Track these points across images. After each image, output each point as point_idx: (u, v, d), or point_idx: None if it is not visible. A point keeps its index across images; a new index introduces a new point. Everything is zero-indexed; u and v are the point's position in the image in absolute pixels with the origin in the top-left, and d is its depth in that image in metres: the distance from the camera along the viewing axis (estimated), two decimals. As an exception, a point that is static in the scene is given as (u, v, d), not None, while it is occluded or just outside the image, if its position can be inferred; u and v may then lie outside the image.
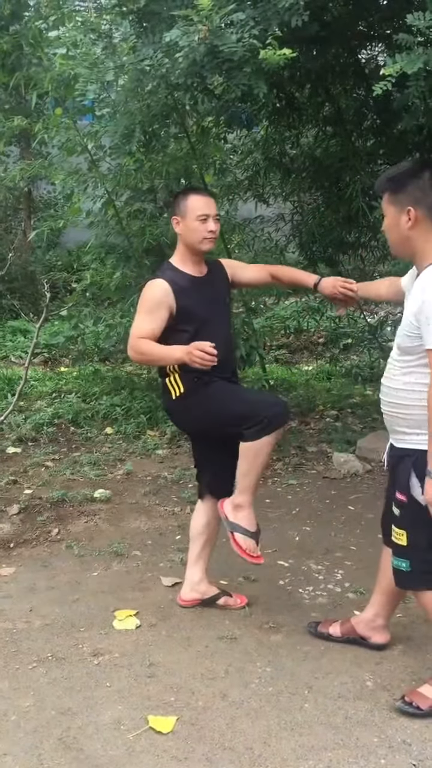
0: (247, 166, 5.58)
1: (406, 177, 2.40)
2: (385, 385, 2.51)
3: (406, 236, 2.40)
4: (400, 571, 2.47)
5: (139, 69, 3.53)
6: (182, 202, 2.95)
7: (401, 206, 2.38)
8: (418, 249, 2.39)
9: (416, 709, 2.40)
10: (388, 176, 2.49)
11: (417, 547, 2.41)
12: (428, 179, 2.37)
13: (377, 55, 4.99)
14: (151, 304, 2.89)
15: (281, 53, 2.96)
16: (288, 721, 2.41)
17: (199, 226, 2.90)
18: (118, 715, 2.45)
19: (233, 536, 2.88)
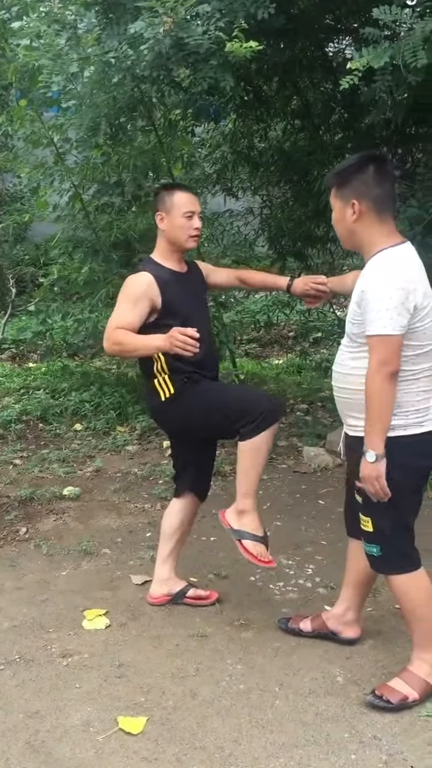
0: (216, 160, 5.55)
1: (351, 171, 2.44)
2: (335, 371, 2.55)
3: (351, 229, 2.44)
4: (373, 557, 2.49)
5: (104, 61, 3.48)
6: (167, 197, 2.91)
7: (346, 200, 2.42)
8: (364, 241, 2.44)
9: (387, 703, 2.41)
10: (334, 171, 2.54)
11: (383, 532, 2.44)
12: (373, 173, 2.41)
13: (344, 48, 4.98)
14: (134, 295, 2.83)
15: (248, 46, 2.94)
16: (259, 719, 2.40)
17: (185, 223, 2.87)
18: (87, 717, 2.43)
19: (241, 544, 2.80)
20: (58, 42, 3.68)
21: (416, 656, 2.49)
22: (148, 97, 4.28)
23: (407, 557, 2.46)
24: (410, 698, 2.41)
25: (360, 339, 2.39)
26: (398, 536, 2.45)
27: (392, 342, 2.28)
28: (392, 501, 2.38)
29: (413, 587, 2.45)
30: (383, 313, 2.26)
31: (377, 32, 3.02)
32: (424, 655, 2.47)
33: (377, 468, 2.33)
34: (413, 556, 2.48)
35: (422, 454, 2.44)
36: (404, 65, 2.91)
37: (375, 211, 2.39)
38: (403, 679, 2.45)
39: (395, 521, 2.43)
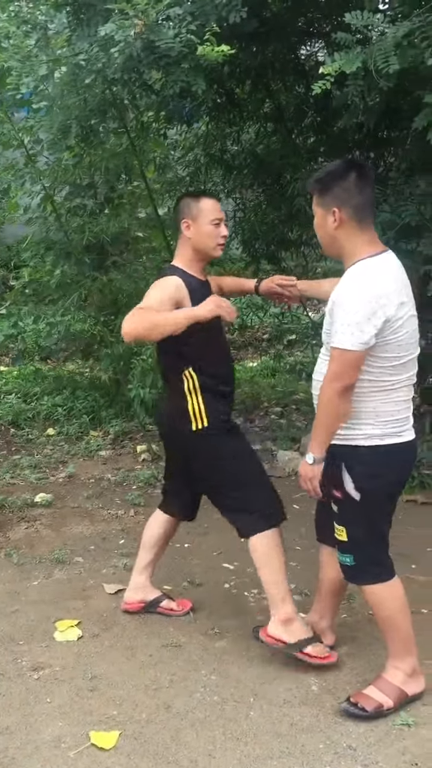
0: (189, 163, 5.52)
1: (332, 178, 2.42)
2: (314, 380, 2.53)
3: (332, 236, 2.42)
4: (346, 566, 2.48)
5: (74, 63, 3.44)
6: (193, 204, 2.79)
7: (327, 207, 2.40)
8: (345, 249, 2.41)
9: (361, 710, 2.40)
10: (315, 177, 2.51)
11: (357, 542, 2.43)
12: (354, 180, 2.39)
13: (317, 52, 4.99)
14: (162, 294, 2.67)
15: (219, 50, 2.91)
16: (233, 731, 2.37)
17: (213, 231, 2.77)
18: (58, 733, 2.38)
19: (303, 654, 2.66)
20: (28, 43, 3.62)
21: (391, 664, 2.48)
22: (120, 99, 4.24)
23: (381, 566, 2.45)
24: (385, 706, 2.40)
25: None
26: (372, 546, 2.43)
27: (349, 357, 2.27)
28: (367, 510, 2.38)
29: (387, 596, 2.44)
30: (345, 327, 2.25)
31: (349, 37, 3.01)
32: (399, 664, 2.46)
33: (313, 470, 2.39)
34: (387, 564, 2.47)
35: (399, 465, 2.44)
36: (376, 70, 2.91)
37: (356, 219, 2.37)
38: (377, 687, 2.44)
39: (369, 531, 2.42)
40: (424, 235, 3.79)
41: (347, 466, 2.39)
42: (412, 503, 4.15)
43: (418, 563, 3.52)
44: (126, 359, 5.28)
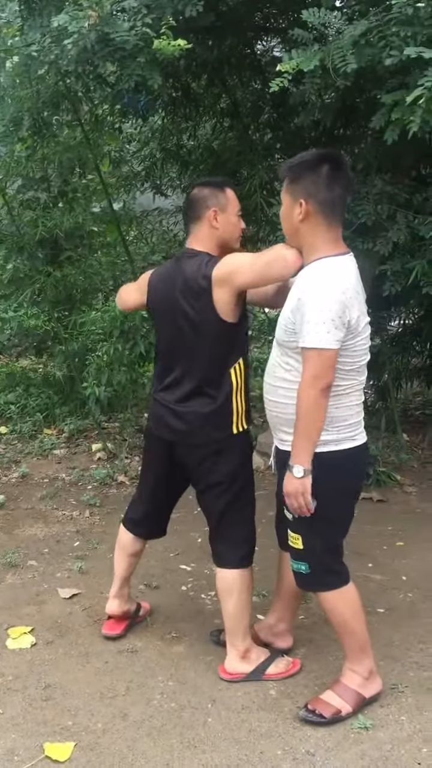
0: (144, 157, 5.44)
1: (304, 168, 2.34)
2: (266, 382, 2.45)
3: (296, 228, 2.34)
4: (300, 574, 2.44)
5: (26, 54, 3.33)
6: (220, 194, 2.63)
7: (295, 197, 2.33)
8: (306, 243, 2.33)
9: (320, 717, 2.38)
10: (288, 164, 2.42)
11: (313, 550, 2.38)
12: (325, 174, 2.31)
13: (273, 47, 4.96)
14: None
15: (176, 44, 2.85)
16: (191, 739, 2.34)
17: (237, 222, 2.68)
18: (11, 745, 2.31)
19: (267, 676, 2.62)
20: (-23, 32, 3.51)
21: (348, 668, 2.47)
22: (74, 91, 4.15)
23: (336, 574, 2.42)
24: (343, 711, 2.39)
25: (291, 348, 2.32)
26: (327, 554, 2.39)
27: (327, 356, 2.20)
28: (324, 518, 2.32)
29: (341, 603, 2.42)
30: (320, 325, 2.18)
31: (306, 34, 2.99)
32: (356, 667, 2.45)
33: (303, 483, 2.26)
34: (342, 572, 2.44)
35: (354, 469, 2.41)
36: (334, 69, 2.89)
37: (323, 214, 2.29)
38: (335, 691, 2.43)
39: (326, 539, 2.38)
40: (380, 234, 3.79)
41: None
42: (367, 501, 4.16)
43: (375, 562, 3.53)
44: (81, 356, 5.20)
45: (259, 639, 2.78)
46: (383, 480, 4.45)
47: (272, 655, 2.70)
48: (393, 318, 5.28)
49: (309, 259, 2.33)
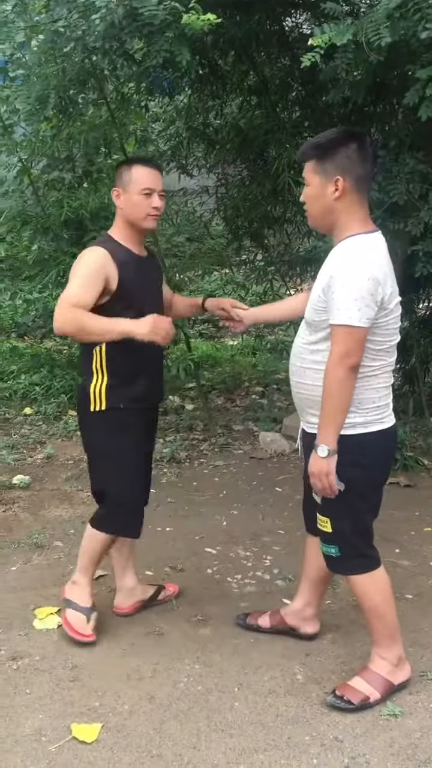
0: (170, 136, 5.37)
1: (335, 145, 2.28)
2: (293, 364, 2.42)
3: (329, 207, 2.28)
4: (331, 557, 2.42)
5: (53, 30, 3.28)
6: (125, 172, 2.65)
7: (328, 175, 2.26)
8: (341, 221, 2.29)
9: (348, 703, 2.36)
10: (313, 144, 2.35)
11: (342, 533, 2.36)
12: (356, 149, 2.27)
13: (302, 23, 4.85)
14: (88, 272, 2.54)
15: (205, 19, 2.78)
16: (218, 722, 2.33)
17: (142, 201, 2.61)
18: (39, 725, 2.32)
19: (64, 613, 2.80)
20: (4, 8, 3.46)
21: (376, 654, 2.45)
22: (100, 69, 4.09)
23: (366, 557, 2.40)
24: (372, 698, 2.37)
25: (322, 328, 2.28)
26: (357, 537, 2.37)
27: (357, 334, 2.17)
28: (352, 501, 2.31)
29: (372, 587, 2.40)
30: (351, 302, 2.15)
31: (338, 7, 2.91)
32: (385, 653, 2.43)
33: (329, 463, 2.24)
34: (372, 555, 2.42)
35: (382, 452, 2.38)
36: (367, 43, 2.81)
37: (356, 191, 2.26)
38: (363, 678, 2.40)
39: (355, 522, 2.36)
40: (411, 214, 3.72)
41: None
42: (395, 485, 4.12)
43: (402, 547, 3.50)
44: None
45: (286, 623, 2.76)
46: (411, 465, 4.40)
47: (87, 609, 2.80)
48: (422, 300, 5.19)
49: (340, 236, 2.30)
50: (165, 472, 4.46)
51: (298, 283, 5.98)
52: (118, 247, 2.64)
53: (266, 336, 7.05)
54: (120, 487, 2.74)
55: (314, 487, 2.31)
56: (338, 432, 2.23)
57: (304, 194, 2.36)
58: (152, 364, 2.73)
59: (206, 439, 4.96)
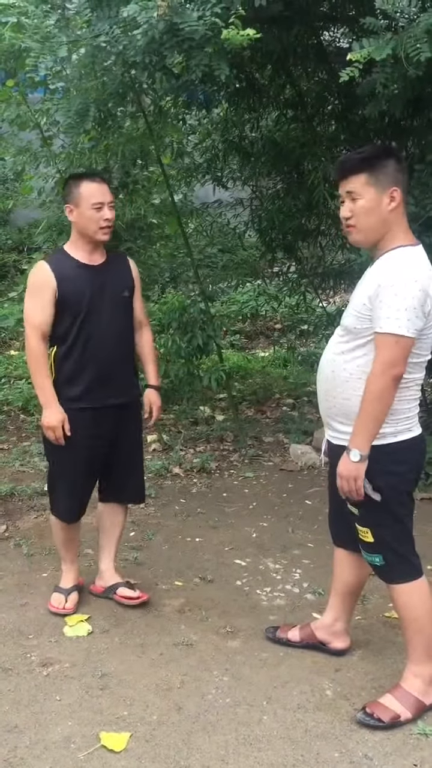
0: (206, 149, 5.41)
1: (385, 158, 2.31)
2: (326, 372, 2.42)
3: (384, 219, 2.29)
4: (376, 567, 2.43)
5: (94, 45, 3.34)
6: (74, 189, 2.82)
7: (383, 187, 2.27)
8: (389, 233, 2.30)
9: (378, 721, 2.33)
10: (361, 157, 2.34)
11: (383, 541, 2.37)
12: (398, 163, 2.33)
13: (339, 37, 4.86)
14: (35, 289, 2.84)
15: (245, 34, 2.81)
16: (246, 736, 2.32)
17: (94, 215, 2.79)
18: (68, 732, 2.33)
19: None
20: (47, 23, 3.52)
21: (410, 671, 2.41)
22: (139, 83, 4.14)
23: (410, 564, 2.40)
24: (402, 717, 2.34)
25: (362, 336, 2.28)
26: (399, 543, 2.39)
27: (404, 344, 2.18)
28: (389, 508, 2.33)
29: (416, 597, 2.38)
30: (402, 312, 2.15)
31: (378, 22, 2.91)
32: (420, 670, 2.40)
33: (358, 468, 2.26)
34: (416, 563, 2.42)
35: (412, 459, 2.39)
36: (406, 58, 2.81)
37: (404, 203, 2.30)
38: (395, 696, 2.37)
39: (395, 529, 2.37)
40: (448, 228, 3.69)
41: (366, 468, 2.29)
42: (427, 501, 4.07)
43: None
44: (138, 347, 5.21)
45: (316, 638, 2.75)
46: (443, 480, 4.35)
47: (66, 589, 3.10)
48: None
49: (386, 247, 2.31)
50: (195, 482, 4.47)
51: (331, 295, 5.97)
52: (64, 259, 2.87)
53: (298, 348, 7.05)
54: (53, 478, 3.05)
55: (341, 489, 2.33)
56: (372, 439, 2.26)
57: (351, 208, 2.31)
58: (101, 368, 2.87)
59: (236, 450, 4.96)
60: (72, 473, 2.96)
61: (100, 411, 2.91)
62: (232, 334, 7.79)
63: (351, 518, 2.43)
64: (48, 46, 3.44)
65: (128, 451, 3.07)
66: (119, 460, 3.04)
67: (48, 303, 2.80)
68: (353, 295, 2.39)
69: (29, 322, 2.84)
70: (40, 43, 3.44)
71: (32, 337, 2.82)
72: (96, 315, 2.84)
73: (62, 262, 2.85)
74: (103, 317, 2.86)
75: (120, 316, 2.94)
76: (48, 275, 2.81)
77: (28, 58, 3.46)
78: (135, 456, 3.13)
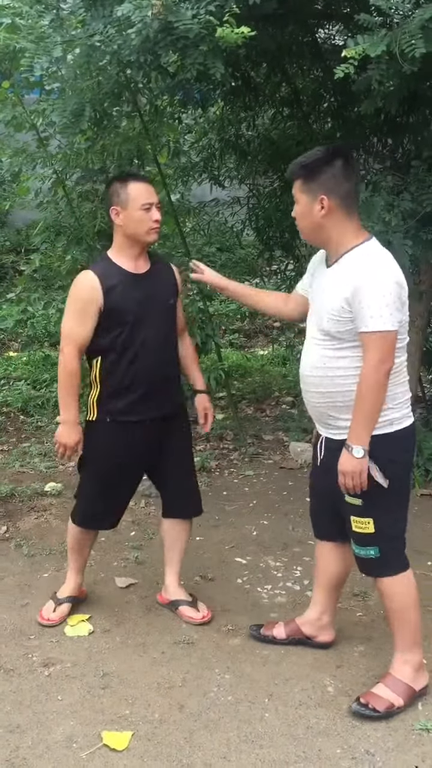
0: (202, 148, 5.41)
1: (319, 164, 2.35)
2: (312, 376, 2.44)
3: (318, 224, 2.36)
4: (370, 560, 2.42)
5: (89, 45, 3.33)
6: (121, 190, 2.72)
7: (313, 195, 2.34)
8: (332, 238, 2.37)
9: (373, 711, 2.37)
10: (300, 163, 2.42)
11: (383, 532, 2.38)
12: (340, 167, 2.35)
13: (334, 34, 4.86)
14: (80, 300, 2.73)
15: (239, 32, 2.81)
16: (248, 733, 2.33)
17: (143, 216, 2.69)
18: (70, 732, 2.34)
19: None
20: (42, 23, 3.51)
21: (399, 658, 2.46)
22: (134, 82, 4.14)
23: (402, 556, 2.44)
24: (396, 705, 2.38)
25: (346, 338, 2.32)
26: (396, 533, 2.42)
27: (391, 338, 2.26)
28: (395, 496, 2.36)
29: (404, 587, 2.42)
30: (383, 309, 2.22)
31: (372, 19, 2.91)
32: (408, 656, 2.44)
33: (362, 463, 2.31)
34: (405, 555, 2.45)
35: (412, 446, 2.46)
36: (401, 54, 2.81)
37: (344, 207, 2.34)
38: (386, 684, 2.41)
39: (397, 517, 2.40)
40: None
41: (372, 456, 2.32)
42: (427, 497, 4.08)
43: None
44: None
45: (302, 633, 2.76)
46: (443, 476, 4.35)
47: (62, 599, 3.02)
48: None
49: (340, 250, 2.36)
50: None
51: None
52: (109, 267, 2.76)
53: (297, 346, 7.04)
54: (80, 481, 3.00)
55: (344, 485, 2.34)
56: (371, 433, 2.31)
57: (294, 211, 2.44)
58: (150, 380, 2.78)
59: (236, 448, 4.96)
60: (98, 483, 2.91)
61: (146, 424, 2.82)
62: (230, 332, 7.79)
63: (349, 511, 2.43)
64: (43, 46, 3.43)
65: (178, 462, 3.01)
66: (171, 472, 2.99)
67: (90, 317, 2.70)
68: (321, 299, 2.39)
69: (67, 335, 2.74)
70: (34, 43, 3.43)
71: (68, 350, 2.73)
72: (144, 325, 2.74)
73: (108, 270, 2.75)
74: (150, 327, 2.76)
75: (166, 324, 2.85)
76: (94, 287, 2.70)
77: (23, 58, 3.44)
78: (186, 467, 3.05)
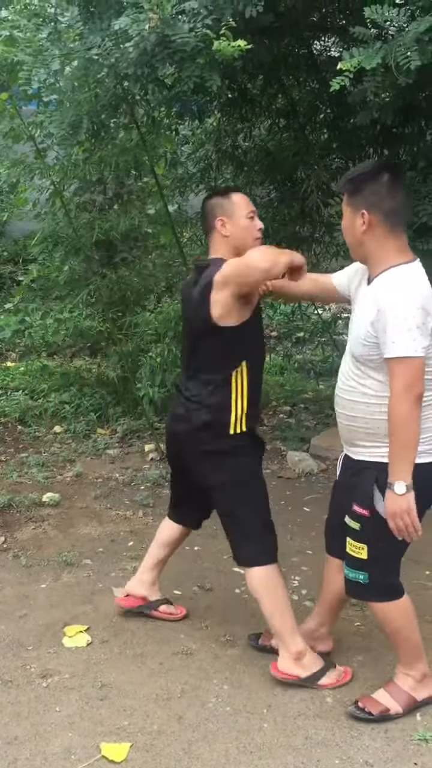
0: (199, 159, 5.44)
1: (364, 179, 2.31)
2: (341, 397, 2.41)
3: (359, 240, 2.32)
4: (357, 584, 2.39)
5: (86, 57, 3.36)
6: (225, 201, 2.71)
7: (356, 209, 2.30)
8: (371, 254, 2.32)
9: (368, 714, 2.38)
10: (348, 176, 2.40)
11: (377, 561, 2.34)
12: (386, 182, 2.29)
13: (330, 47, 4.90)
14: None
15: (236, 45, 2.83)
16: (247, 744, 2.32)
17: (249, 224, 2.69)
18: (68, 744, 2.33)
19: (320, 686, 2.60)
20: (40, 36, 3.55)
21: (401, 671, 2.46)
22: (131, 94, 4.17)
23: (394, 587, 2.38)
24: (392, 711, 2.39)
25: (371, 362, 2.27)
26: (390, 566, 2.36)
27: (417, 364, 2.16)
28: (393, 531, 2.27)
29: (394, 614, 2.39)
30: (406, 333, 2.14)
31: (367, 32, 2.94)
32: (409, 671, 2.44)
33: (407, 500, 2.17)
34: (399, 586, 2.40)
35: (429, 485, 2.30)
36: (396, 66, 2.84)
37: (387, 224, 2.27)
38: (387, 692, 2.43)
39: (392, 551, 2.34)
40: (440, 235, 3.72)
41: (380, 484, 2.27)
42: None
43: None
44: (134, 357, 5.23)
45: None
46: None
47: (326, 664, 2.65)
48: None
49: (378, 269, 2.30)
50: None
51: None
52: None
53: (294, 355, 7.07)
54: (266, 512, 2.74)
55: (395, 528, 2.22)
56: (412, 466, 2.18)
57: (342, 224, 2.40)
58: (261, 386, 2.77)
59: (234, 458, 4.96)
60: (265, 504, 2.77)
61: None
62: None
63: (347, 531, 2.40)
64: (41, 59, 3.47)
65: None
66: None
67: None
68: (354, 319, 2.37)
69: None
70: (32, 56, 3.47)
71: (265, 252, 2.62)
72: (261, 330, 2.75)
73: None
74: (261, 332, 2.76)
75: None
76: None
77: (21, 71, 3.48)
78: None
